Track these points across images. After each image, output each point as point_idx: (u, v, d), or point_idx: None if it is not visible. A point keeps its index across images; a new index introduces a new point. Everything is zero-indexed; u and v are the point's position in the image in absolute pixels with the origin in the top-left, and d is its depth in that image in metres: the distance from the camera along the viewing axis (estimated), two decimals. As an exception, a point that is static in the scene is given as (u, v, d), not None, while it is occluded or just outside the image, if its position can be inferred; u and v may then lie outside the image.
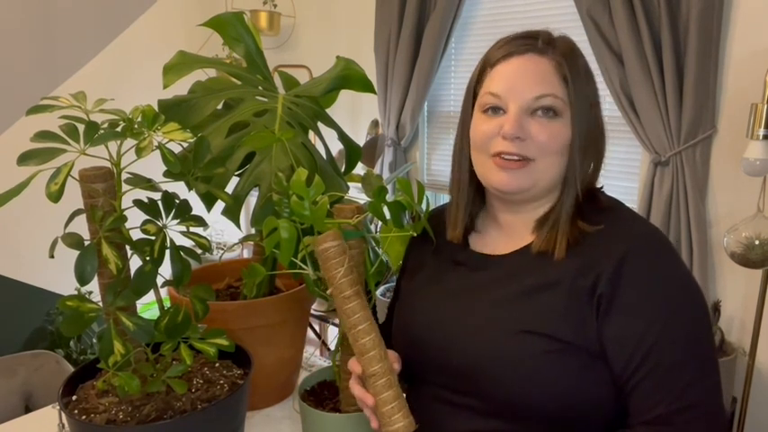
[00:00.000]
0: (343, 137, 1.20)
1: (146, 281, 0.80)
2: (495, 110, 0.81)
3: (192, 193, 0.87)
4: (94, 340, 2.69)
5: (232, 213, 0.99)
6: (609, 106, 2.04)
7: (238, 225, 1.02)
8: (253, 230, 1.07)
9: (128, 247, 0.81)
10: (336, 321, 2.07)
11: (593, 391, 0.76)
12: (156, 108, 0.82)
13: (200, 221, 0.84)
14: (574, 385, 0.75)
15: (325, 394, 1.00)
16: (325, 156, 1.14)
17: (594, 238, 0.79)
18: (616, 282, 0.75)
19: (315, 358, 1.42)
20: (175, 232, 0.82)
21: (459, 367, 0.80)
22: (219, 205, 0.98)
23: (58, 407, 0.82)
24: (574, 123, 0.80)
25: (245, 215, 2.98)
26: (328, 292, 0.77)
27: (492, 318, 0.80)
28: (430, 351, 0.85)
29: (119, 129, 0.77)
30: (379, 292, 2.10)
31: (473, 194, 0.89)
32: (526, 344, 0.76)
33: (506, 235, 0.87)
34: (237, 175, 1.05)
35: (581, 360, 0.75)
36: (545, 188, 0.82)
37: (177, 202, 0.82)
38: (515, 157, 0.79)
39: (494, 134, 0.80)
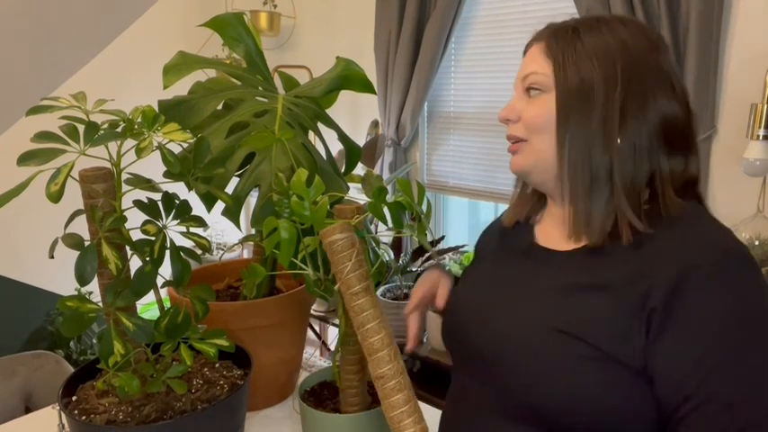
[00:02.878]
0: (343, 137, 1.20)
1: (146, 281, 0.80)
2: None
3: (192, 193, 0.87)
4: (94, 340, 2.69)
5: (232, 214, 0.99)
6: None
7: (238, 225, 1.02)
8: (253, 230, 1.07)
9: (128, 248, 0.81)
10: (336, 322, 2.07)
11: (627, 409, 0.70)
12: (156, 108, 0.82)
13: (201, 222, 0.84)
14: (604, 398, 0.70)
15: (325, 394, 1.00)
16: (325, 156, 1.14)
17: (662, 240, 0.72)
18: (674, 296, 0.67)
19: (315, 358, 1.42)
20: (175, 233, 0.82)
21: (486, 356, 0.79)
22: (220, 205, 0.98)
23: (58, 407, 0.82)
24: (558, 101, 0.77)
25: (245, 215, 2.98)
26: (336, 287, 0.75)
27: (527, 310, 0.77)
28: (461, 336, 0.84)
29: (119, 129, 0.77)
30: (379, 292, 2.10)
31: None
32: (558, 344, 0.72)
33: (559, 226, 0.84)
34: (237, 176, 1.05)
35: (617, 374, 0.69)
36: (548, 171, 0.79)
37: (177, 202, 0.82)
38: (513, 140, 0.82)
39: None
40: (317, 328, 2.84)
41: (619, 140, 0.74)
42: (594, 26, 0.79)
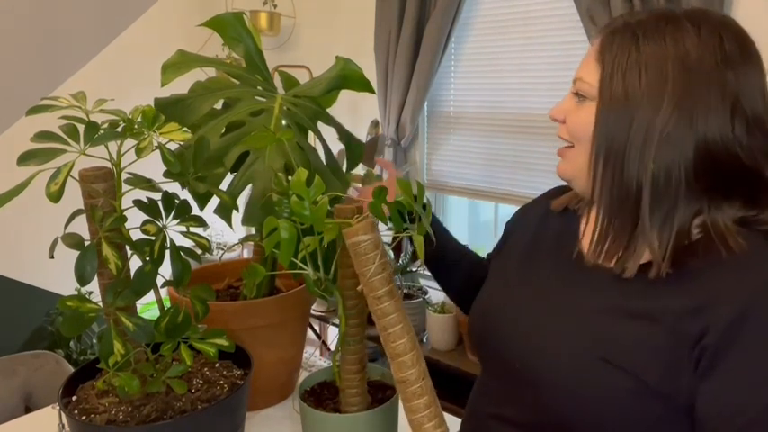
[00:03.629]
0: (343, 134, 1.20)
1: (146, 281, 0.80)
2: None
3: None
4: (94, 340, 2.69)
5: (225, 212, 0.99)
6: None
7: (230, 224, 1.01)
8: (252, 230, 1.07)
9: (128, 248, 0.81)
10: (336, 321, 2.07)
11: None
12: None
13: (201, 222, 0.84)
14: (641, 430, 0.67)
15: (326, 394, 1.00)
16: (324, 155, 1.13)
17: (719, 276, 0.66)
18: (730, 335, 0.63)
19: (315, 358, 1.42)
20: (175, 232, 0.82)
21: (520, 368, 0.76)
22: (212, 204, 0.98)
23: (58, 407, 0.82)
24: (597, 112, 0.71)
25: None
26: (358, 288, 0.74)
27: (572, 331, 0.73)
28: (497, 343, 0.81)
29: (119, 129, 0.77)
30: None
31: None
32: (603, 375, 0.68)
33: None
34: (232, 174, 1.04)
35: (660, 409, 0.67)
36: (589, 185, 0.75)
37: (177, 202, 0.82)
38: (560, 141, 0.79)
39: None
40: (317, 328, 2.84)
41: (652, 165, 0.67)
42: (659, 29, 0.69)
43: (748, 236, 0.68)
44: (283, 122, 1.06)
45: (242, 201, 1.01)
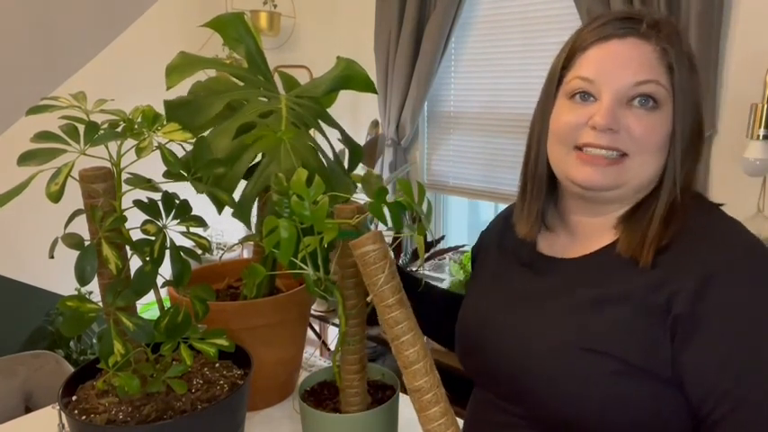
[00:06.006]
0: (344, 137, 1.20)
1: (146, 281, 0.80)
2: (585, 96, 0.73)
3: (192, 193, 0.87)
4: (94, 340, 2.69)
5: (242, 215, 0.99)
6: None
7: (249, 226, 1.01)
8: (253, 230, 1.07)
9: (128, 248, 0.81)
10: (336, 321, 2.08)
11: (661, 416, 0.68)
12: (155, 109, 0.82)
13: (201, 222, 0.84)
14: (638, 409, 0.68)
15: (326, 394, 1.00)
16: (332, 156, 1.14)
17: (679, 247, 0.69)
18: (698, 302, 0.65)
19: (315, 358, 1.42)
20: (175, 232, 0.82)
21: (512, 376, 0.77)
22: (229, 208, 0.98)
23: (58, 407, 0.82)
24: (676, 117, 0.71)
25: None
26: (368, 299, 0.74)
27: (551, 330, 0.74)
28: (481, 356, 0.82)
29: (119, 129, 0.77)
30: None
31: (547, 190, 0.82)
32: (588, 364, 0.70)
33: (577, 238, 0.80)
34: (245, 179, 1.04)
35: (651, 386, 0.68)
36: (634, 189, 0.74)
37: (177, 202, 0.82)
38: (604, 152, 0.71)
39: (580, 125, 0.73)
40: (317, 328, 2.84)
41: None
42: (677, 26, 0.75)
43: (699, 208, 0.73)
44: (292, 122, 1.06)
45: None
